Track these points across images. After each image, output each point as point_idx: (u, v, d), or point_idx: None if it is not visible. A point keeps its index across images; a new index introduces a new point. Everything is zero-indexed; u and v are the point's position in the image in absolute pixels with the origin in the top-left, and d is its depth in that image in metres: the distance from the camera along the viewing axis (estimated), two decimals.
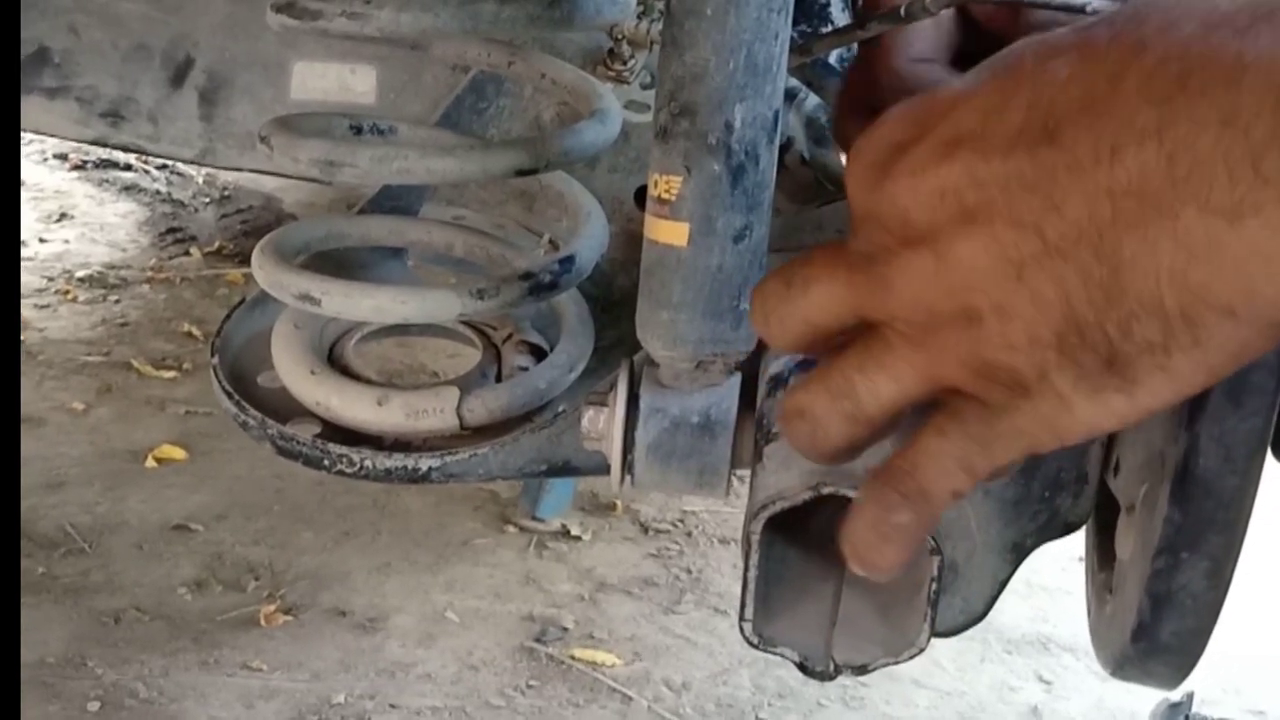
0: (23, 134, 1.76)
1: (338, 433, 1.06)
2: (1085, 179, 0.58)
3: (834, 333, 0.68)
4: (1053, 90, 0.59)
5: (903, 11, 0.94)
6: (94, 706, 2.27)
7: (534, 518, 2.88)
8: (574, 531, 2.87)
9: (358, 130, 1.17)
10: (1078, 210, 0.58)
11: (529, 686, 2.42)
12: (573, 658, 2.50)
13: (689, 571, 2.80)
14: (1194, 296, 0.57)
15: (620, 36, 1.30)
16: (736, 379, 0.93)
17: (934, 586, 0.82)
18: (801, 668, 0.87)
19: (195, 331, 3.57)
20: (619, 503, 2.95)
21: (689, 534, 2.92)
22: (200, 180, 4.59)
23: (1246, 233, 0.55)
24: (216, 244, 4.18)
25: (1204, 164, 0.55)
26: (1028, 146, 0.60)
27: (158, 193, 4.53)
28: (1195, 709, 2.25)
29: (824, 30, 1.48)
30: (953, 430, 0.66)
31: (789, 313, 0.69)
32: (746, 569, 0.85)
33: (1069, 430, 0.63)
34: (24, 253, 3.92)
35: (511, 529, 2.87)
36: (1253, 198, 0.54)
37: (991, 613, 0.90)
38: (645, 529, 2.92)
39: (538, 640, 2.54)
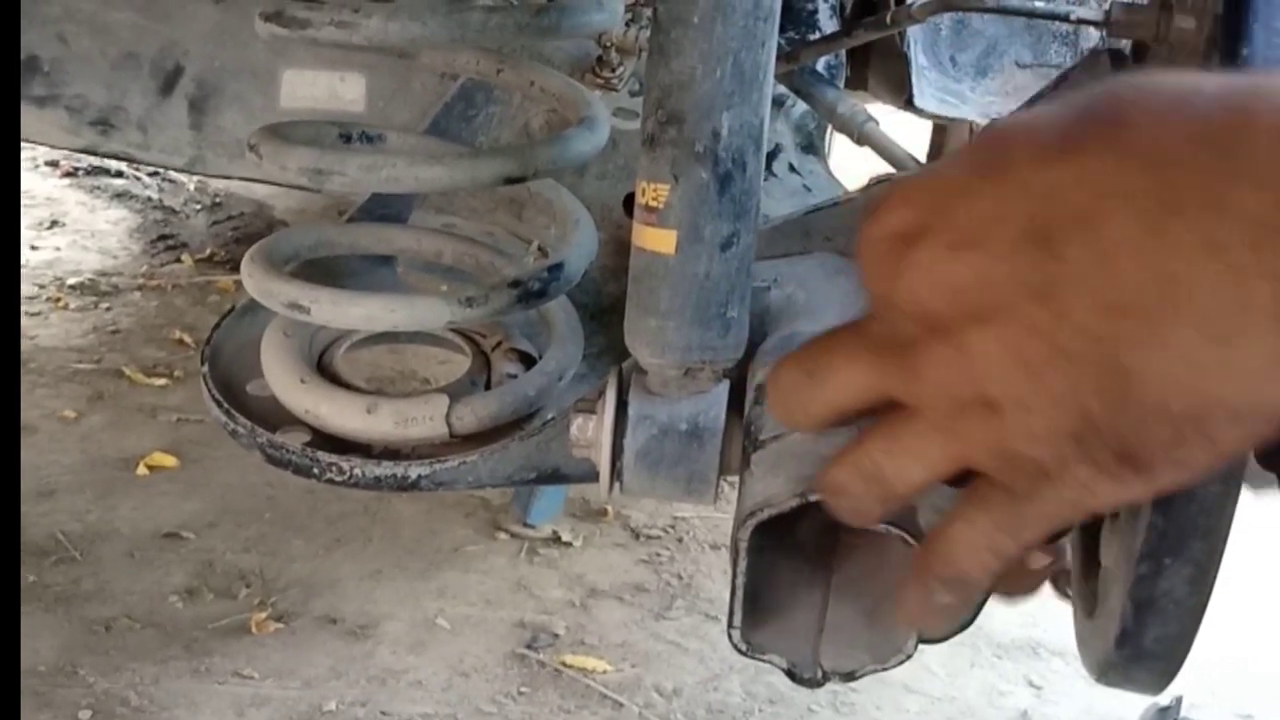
0: None
1: (327, 441, 1.06)
2: (1086, 293, 0.59)
3: (858, 413, 0.69)
4: (1050, 203, 0.60)
5: (889, 19, 0.94)
6: (85, 715, 2.26)
7: (525, 524, 2.88)
8: (565, 538, 2.87)
9: (347, 138, 1.17)
10: (1083, 320, 0.59)
11: (520, 693, 2.42)
12: (564, 664, 2.50)
13: (680, 577, 2.80)
14: (1200, 404, 0.58)
15: (608, 44, 1.30)
16: (724, 386, 0.93)
17: None
18: (790, 674, 0.88)
19: (186, 339, 3.57)
20: (610, 509, 2.95)
21: (680, 540, 2.92)
22: (191, 187, 4.59)
23: (1241, 352, 0.56)
24: (208, 251, 4.18)
25: (1192, 288, 0.56)
26: (1030, 257, 0.60)
27: (149, 199, 4.53)
28: (1183, 713, 2.25)
29: (811, 37, 1.49)
30: (980, 519, 0.67)
31: (811, 399, 0.71)
32: (735, 576, 0.85)
33: (1094, 508, 0.64)
34: None
35: (502, 535, 2.87)
36: (1240, 322, 0.56)
37: (981, 617, 0.90)
38: (636, 535, 2.92)
39: (529, 647, 2.54)
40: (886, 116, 1.83)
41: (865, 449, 0.69)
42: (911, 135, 2.24)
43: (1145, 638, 0.81)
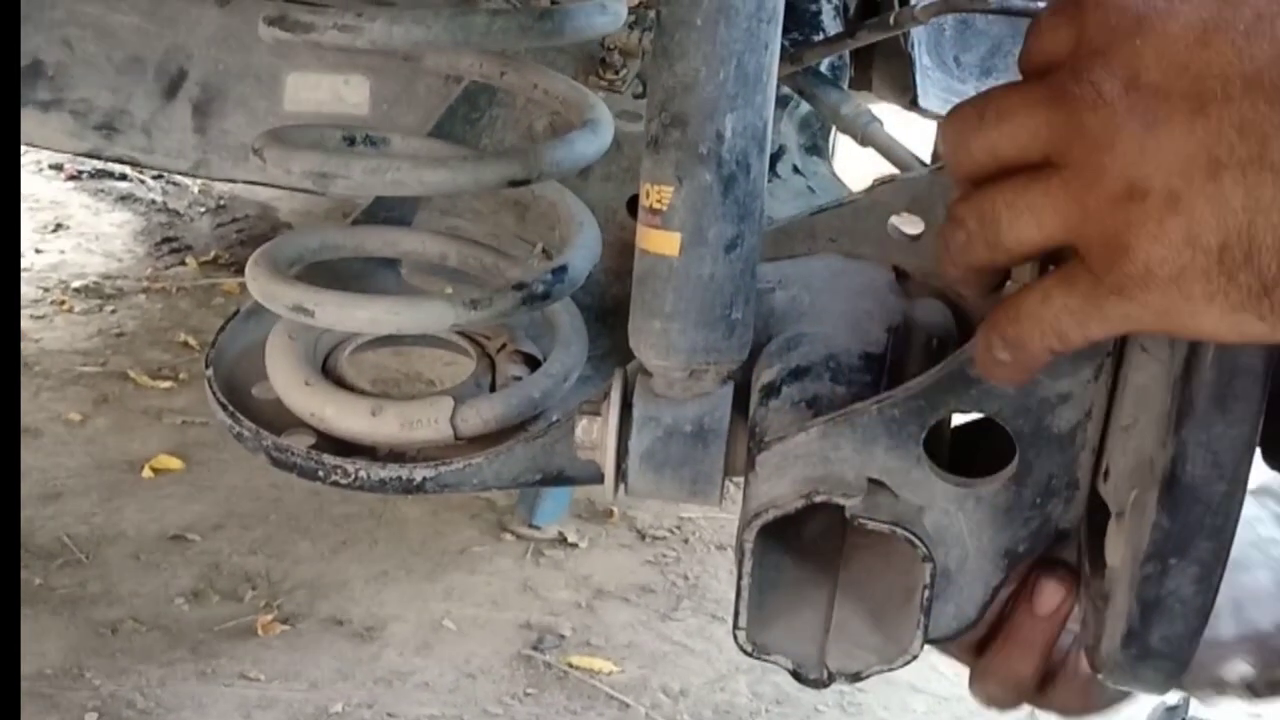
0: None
1: (332, 443, 1.06)
2: None
3: (1013, 169, 0.68)
4: None
5: (892, 20, 0.94)
6: (92, 717, 2.27)
7: (531, 525, 2.88)
8: (571, 539, 2.87)
9: (351, 141, 1.17)
10: None
11: (526, 694, 2.43)
12: (570, 665, 2.50)
13: (686, 578, 2.81)
14: None
15: (612, 46, 1.30)
16: (729, 388, 0.93)
17: (927, 593, 0.83)
18: (795, 675, 0.88)
19: (191, 341, 3.57)
20: (616, 510, 2.95)
21: (686, 540, 2.92)
22: (196, 190, 4.59)
23: None
24: (212, 253, 4.19)
25: None
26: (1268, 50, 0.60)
27: (153, 202, 4.54)
28: (1191, 712, 2.25)
29: (815, 39, 1.49)
30: (1057, 296, 0.67)
31: (976, 139, 0.69)
32: (740, 577, 0.85)
33: (1182, 330, 0.64)
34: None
35: (509, 537, 2.87)
36: None
37: None
38: (642, 536, 2.92)
39: (535, 648, 2.54)
40: (893, 117, 1.83)
41: (993, 194, 0.69)
42: (919, 136, 2.24)
43: (1151, 637, 0.81)
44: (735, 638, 0.86)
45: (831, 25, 1.49)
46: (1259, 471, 0.83)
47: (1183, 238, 0.61)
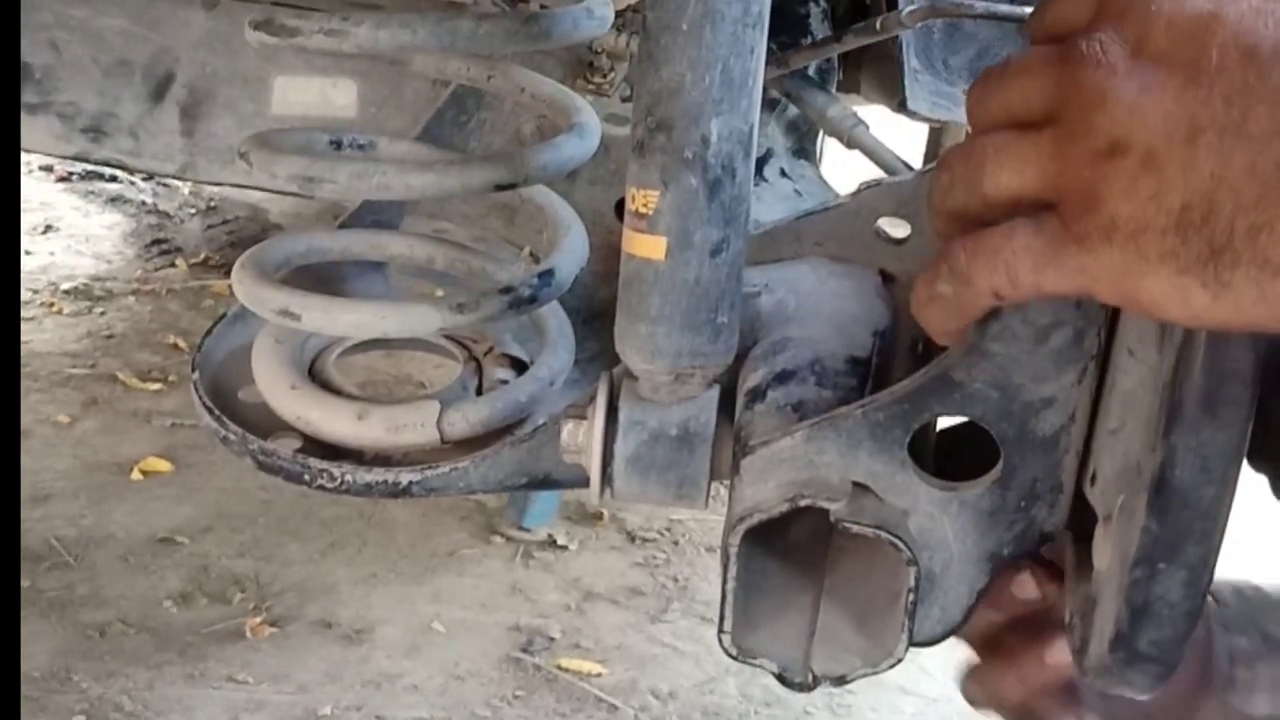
0: None
1: (319, 447, 1.06)
2: None
3: (1025, 126, 0.69)
4: None
5: (878, 25, 0.94)
6: None
7: (520, 528, 2.88)
8: (560, 541, 2.87)
9: (337, 145, 1.17)
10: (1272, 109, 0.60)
11: (516, 697, 2.42)
12: (559, 667, 2.50)
13: (676, 580, 2.81)
14: None
15: (600, 50, 1.30)
16: (715, 392, 0.93)
17: (911, 597, 0.83)
18: (780, 679, 0.88)
19: (181, 343, 3.57)
20: (605, 512, 2.95)
21: (675, 543, 2.92)
22: (186, 192, 4.59)
23: None
24: (202, 255, 4.18)
25: None
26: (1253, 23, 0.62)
27: (143, 204, 4.53)
28: None
29: (803, 42, 1.49)
30: (1020, 236, 0.68)
31: (995, 98, 0.71)
32: (725, 581, 0.85)
33: (1129, 294, 0.65)
34: None
35: (498, 539, 2.87)
36: None
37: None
38: (632, 538, 2.92)
39: (524, 650, 2.54)
40: (882, 121, 1.83)
41: (984, 141, 0.70)
42: (910, 138, 2.24)
43: (1140, 641, 0.81)
44: (720, 641, 0.86)
45: (819, 29, 1.49)
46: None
47: (1150, 195, 0.62)
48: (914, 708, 2.50)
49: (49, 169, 4.68)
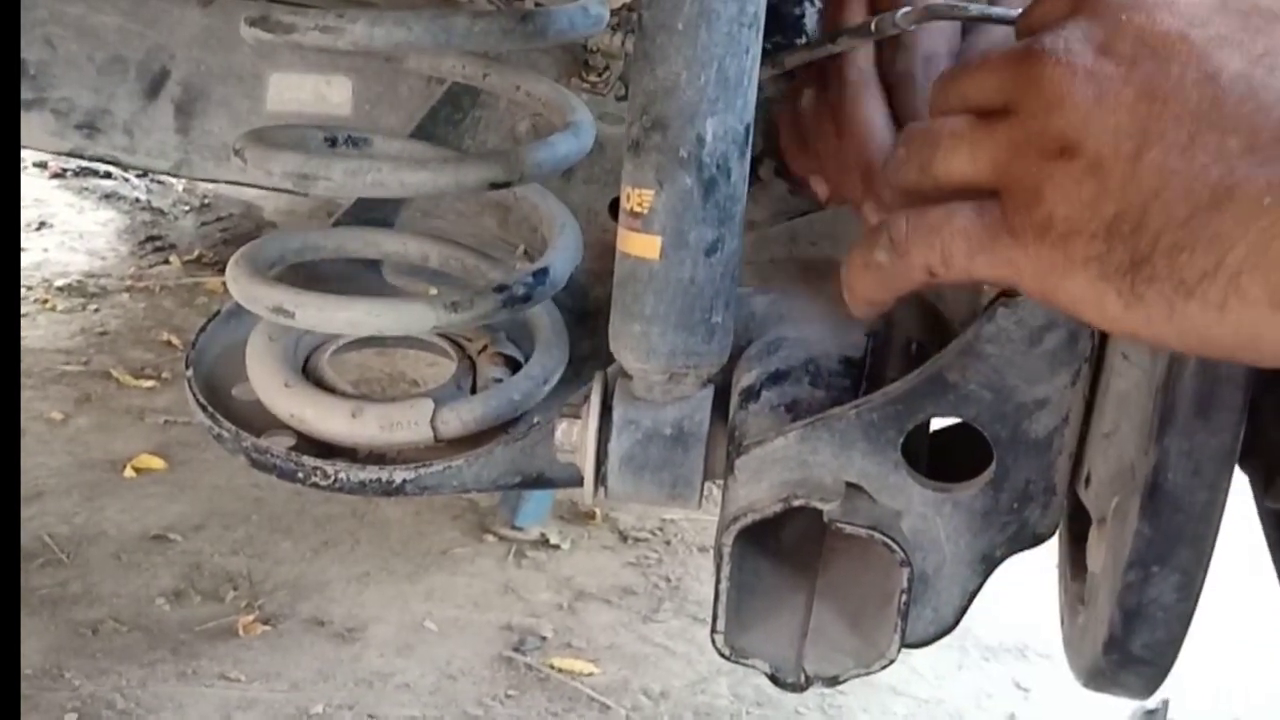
0: None
1: (312, 445, 1.06)
2: (1263, 121, 0.61)
3: (984, 115, 0.70)
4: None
5: (873, 27, 0.94)
6: (71, 718, 2.26)
7: (513, 527, 2.88)
8: (553, 540, 2.87)
9: (332, 142, 1.16)
10: (1234, 143, 0.61)
11: (508, 696, 2.42)
12: (551, 667, 2.50)
13: (668, 580, 2.80)
14: (1263, 274, 0.59)
15: (595, 49, 1.30)
16: (709, 391, 0.93)
17: (904, 598, 0.83)
18: (773, 679, 0.88)
19: (174, 340, 3.56)
20: (598, 511, 2.95)
21: (668, 542, 2.92)
22: (180, 188, 4.58)
23: None
24: (196, 252, 4.18)
25: None
26: (1230, 23, 0.64)
27: (137, 200, 4.52)
28: (1170, 716, 2.25)
29: (798, 42, 1.48)
30: (960, 219, 0.69)
31: (955, 87, 0.73)
32: (718, 581, 0.85)
33: (1049, 292, 0.66)
34: None
35: (490, 538, 2.87)
36: None
37: (968, 620, 0.91)
38: (624, 537, 2.92)
39: (516, 650, 2.54)
40: None
41: (942, 124, 0.72)
42: None
43: (1133, 644, 0.82)
44: (713, 641, 0.87)
45: (815, 29, 1.49)
46: None
47: (1088, 200, 0.63)
48: (906, 708, 2.50)
49: (43, 165, 4.67)
